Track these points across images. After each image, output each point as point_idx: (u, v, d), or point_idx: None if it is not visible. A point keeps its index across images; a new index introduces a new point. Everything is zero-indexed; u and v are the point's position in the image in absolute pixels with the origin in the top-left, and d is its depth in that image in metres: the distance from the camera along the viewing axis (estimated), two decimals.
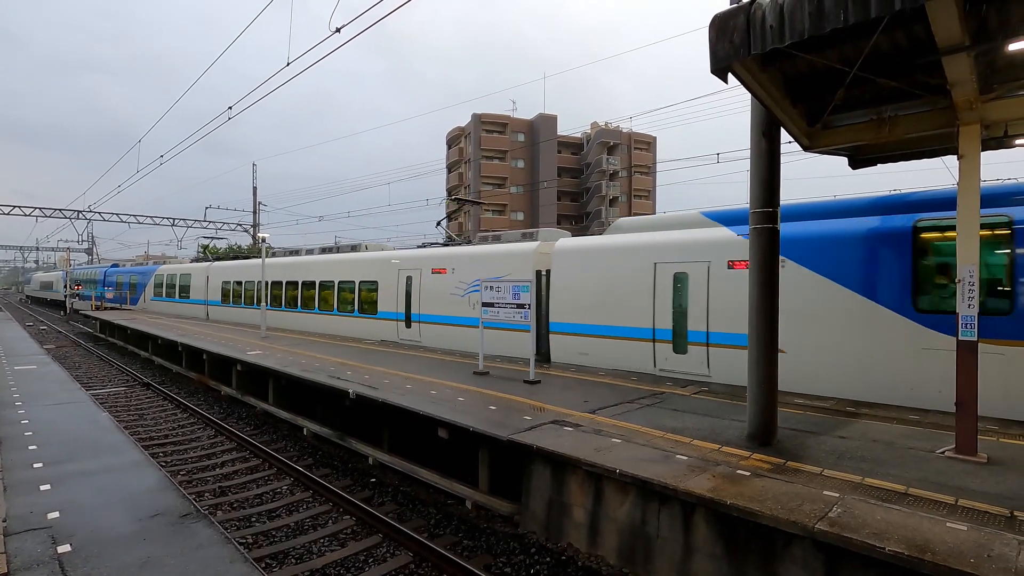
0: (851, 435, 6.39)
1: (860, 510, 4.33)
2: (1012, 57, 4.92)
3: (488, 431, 6.61)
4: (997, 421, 6.82)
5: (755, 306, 6.13)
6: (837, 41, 4.92)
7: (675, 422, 7.00)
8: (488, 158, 57.71)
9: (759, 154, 6.10)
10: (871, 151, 7.44)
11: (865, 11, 3.71)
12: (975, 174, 5.42)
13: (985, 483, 4.86)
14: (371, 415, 9.22)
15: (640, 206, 61.48)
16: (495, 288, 10.09)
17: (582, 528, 5.73)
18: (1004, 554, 3.63)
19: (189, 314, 27.58)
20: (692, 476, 5.11)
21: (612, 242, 11.55)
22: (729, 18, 4.36)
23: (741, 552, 4.57)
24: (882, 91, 5.73)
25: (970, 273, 5.42)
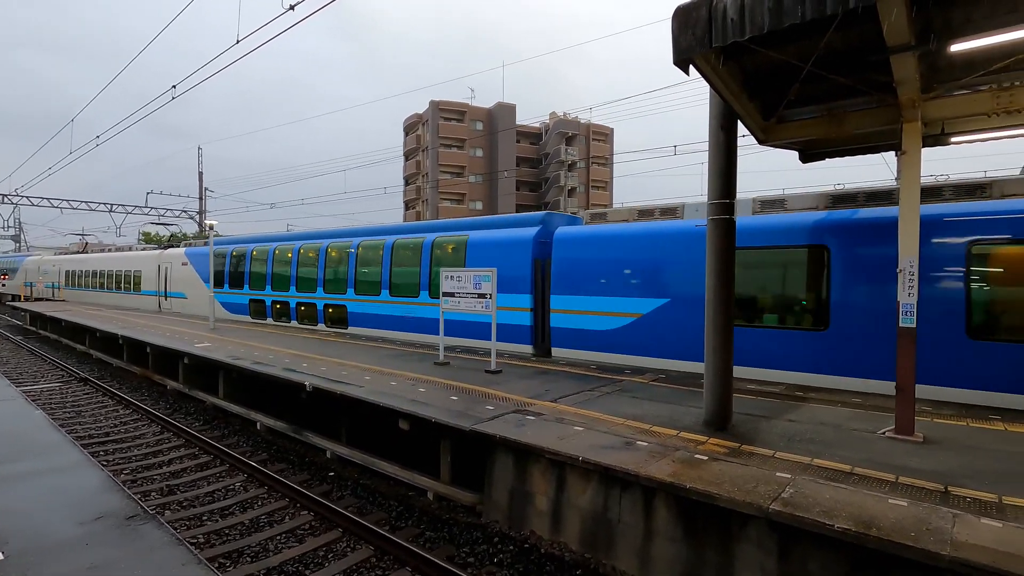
0: (800, 419, 6.67)
1: (810, 490, 4.52)
2: (951, 58, 5.18)
3: (450, 422, 6.55)
4: (931, 403, 7.26)
5: (712, 296, 6.28)
6: (794, 37, 5.04)
7: (635, 409, 7.13)
8: (446, 146, 57.05)
9: (717, 146, 6.23)
10: (821, 145, 7.73)
11: (821, 8, 3.82)
12: (916, 169, 5.70)
13: (922, 461, 5.17)
14: (329, 408, 9.00)
15: (598, 197, 62.20)
16: (455, 277, 9.99)
17: (545, 516, 5.77)
18: (941, 527, 3.86)
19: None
20: (653, 462, 5.22)
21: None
22: (692, 10, 4.41)
23: (700, 534, 4.71)
24: (834, 87, 5.93)
25: (910, 264, 5.71)
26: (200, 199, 42.26)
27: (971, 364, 7.23)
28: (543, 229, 11.83)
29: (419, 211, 59.41)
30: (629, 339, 10.25)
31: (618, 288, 10.34)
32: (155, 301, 24.37)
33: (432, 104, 57.10)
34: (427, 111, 58.05)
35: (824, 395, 7.84)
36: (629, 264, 10.31)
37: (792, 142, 7.22)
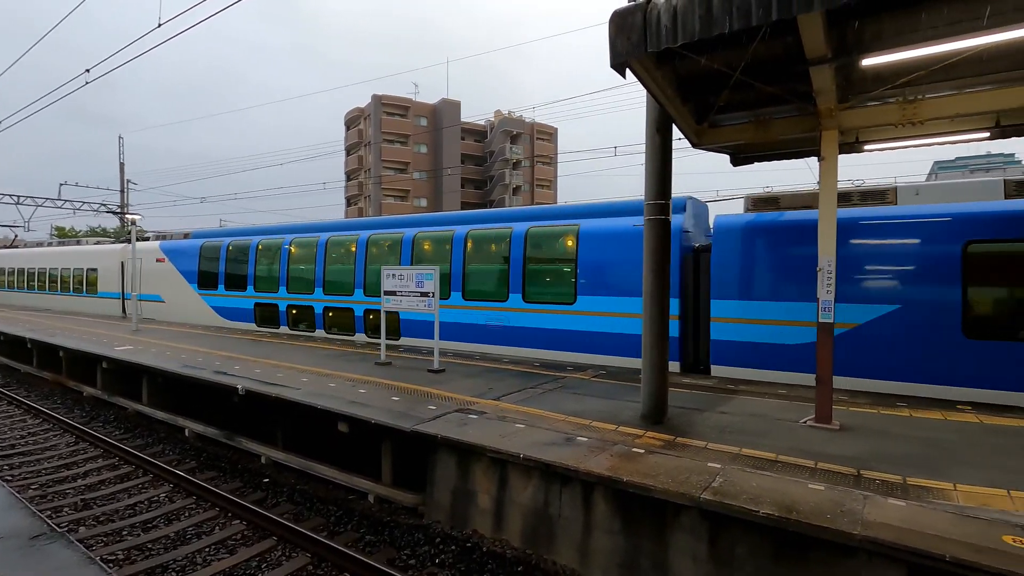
0: (731, 410, 6.99)
1: (739, 478, 4.75)
2: (863, 72, 5.56)
3: (391, 423, 6.44)
4: (848, 392, 7.79)
5: (649, 293, 6.47)
6: (723, 46, 5.26)
7: (577, 405, 7.26)
8: (389, 142, 55.98)
9: (653, 149, 6.42)
10: (750, 150, 8.11)
11: (747, 19, 4.00)
12: (833, 174, 6.09)
13: (838, 447, 5.53)
14: (264, 412, 8.65)
15: (542, 196, 62.82)
16: (397, 276, 9.82)
17: (487, 514, 5.78)
18: (853, 508, 4.15)
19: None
20: (592, 457, 5.32)
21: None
22: (627, 15, 4.50)
23: (636, 525, 4.84)
24: (761, 95, 6.22)
25: (828, 263, 6.09)
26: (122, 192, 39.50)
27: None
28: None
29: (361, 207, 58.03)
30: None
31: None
32: (116, 305, 20.54)
33: (374, 98, 55.86)
34: (369, 105, 56.75)
35: (753, 387, 8.25)
36: (841, 261, 7.79)
37: (724, 146, 7.54)
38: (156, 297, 18.76)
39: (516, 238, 11.15)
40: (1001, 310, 7.58)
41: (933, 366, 7.62)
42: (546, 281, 11.11)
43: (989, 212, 7.46)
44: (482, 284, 11.70)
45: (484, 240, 11.79)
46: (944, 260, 7.57)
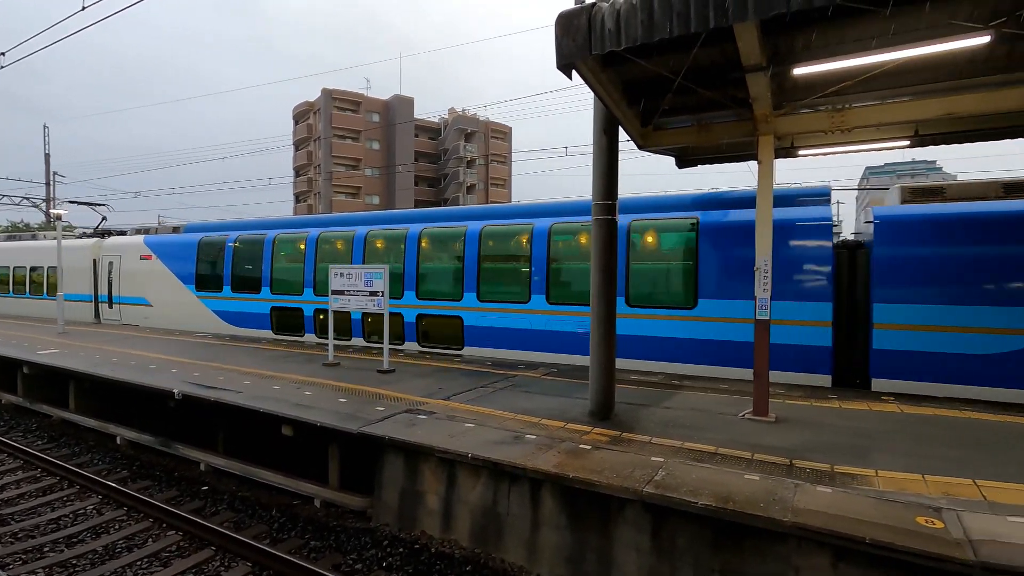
0: (675, 405, 7.20)
1: (680, 471, 4.90)
2: (796, 80, 5.84)
3: (337, 425, 6.30)
4: (784, 386, 8.16)
5: (596, 291, 6.58)
6: (666, 51, 5.41)
7: (527, 403, 7.30)
8: (341, 137, 54.70)
9: (600, 150, 6.53)
10: (694, 153, 8.38)
11: (687, 26, 4.12)
12: (770, 177, 6.36)
13: (773, 439, 5.79)
14: (203, 416, 8.29)
15: (497, 194, 62.89)
16: (345, 275, 9.61)
17: (436, 515, 5.74)
18: (785, 496, 4.35)
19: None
20: (540, 454, 5.37)
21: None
22: (573, 17, 4.57)
23: (582, 520, 4.92)
24: (703, 100, 6.45)
25: (765, 263, 6.36)
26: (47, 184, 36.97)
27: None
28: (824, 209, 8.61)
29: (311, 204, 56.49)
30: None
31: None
32: (87, 309, 17.70)
33: (325, 92, 54.44)
34: (319, 99, 55.27)
35: (696, 382, 8.53)
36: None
37: (668, 148, 7.76)
38: (141, 300, 16.06)
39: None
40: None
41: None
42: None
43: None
44: (570, 283, 10.47)
45: (571, 234, 10.45)
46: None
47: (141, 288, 16.15)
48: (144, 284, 16.06)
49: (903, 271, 7.92)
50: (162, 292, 15.66)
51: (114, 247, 17.05)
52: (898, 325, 7.89)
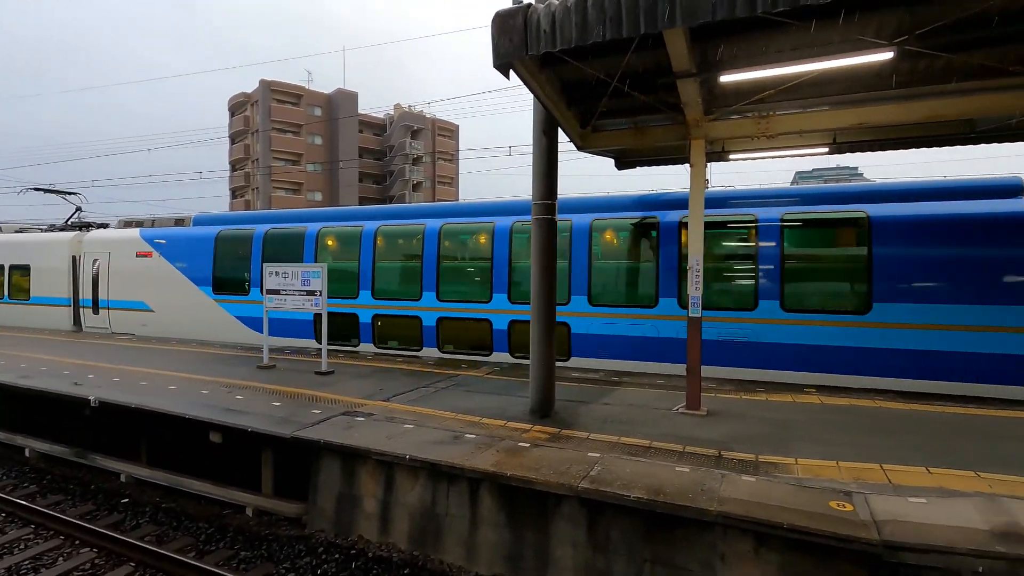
0: (613, 401, 7.37)
1: (615, 466, 5.01)
2: (724, 87, 6.09)
3: (269, 430, 6.08)
4: (716, 380, 8.50)
5: (536, 290, 6.64)
6: (602, 54, 5.50)
7: (468, 403, 7.28)
8: (280, 131, 52.73)
9: (540, 150, 6.58)
10: (632, 155, 8.61)
11: (619, 30, 4.21)
12: (701, 179, 6.61)
13: (704, 431, 6.02)
14: (124, 425, 7.78)
15: (444, 192, 62.41)
16: (281, 274, 9.27)
17: (373, 518, 5.63)
18: (712, 487, 4.54)
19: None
20: (479, 453, 5.37)
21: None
22: (509, 17, 4.58)
23: (521, 518, 4.95)
24: (638, 103, 6.61)
25: (697, 262, 6.61)
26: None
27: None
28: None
29: (248, 200, 54.20)
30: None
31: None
32: (63, 315, 14.90)
33: (263, 84, 52.31)
34: (257, 91, 53.07)
35: (635, 378, 8.76)
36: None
37: (607, 150, 7.92)
38: (138, 304, 13.67)
39: (768, 231, 8.76)
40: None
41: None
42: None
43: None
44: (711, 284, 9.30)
45: (720, 226, 9.15)
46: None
47: (138, 290, 13.66)
48: (143, 285, 13.60)
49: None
50: (167, 295, 13.19)
51: (100, 242, 14.45)
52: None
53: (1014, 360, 7.37)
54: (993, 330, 7.40)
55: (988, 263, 7.52)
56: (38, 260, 15.26)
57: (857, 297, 8.21)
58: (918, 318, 7.79)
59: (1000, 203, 7.69)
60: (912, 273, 7.93)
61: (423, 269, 10.78)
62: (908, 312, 7.83)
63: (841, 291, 8.61)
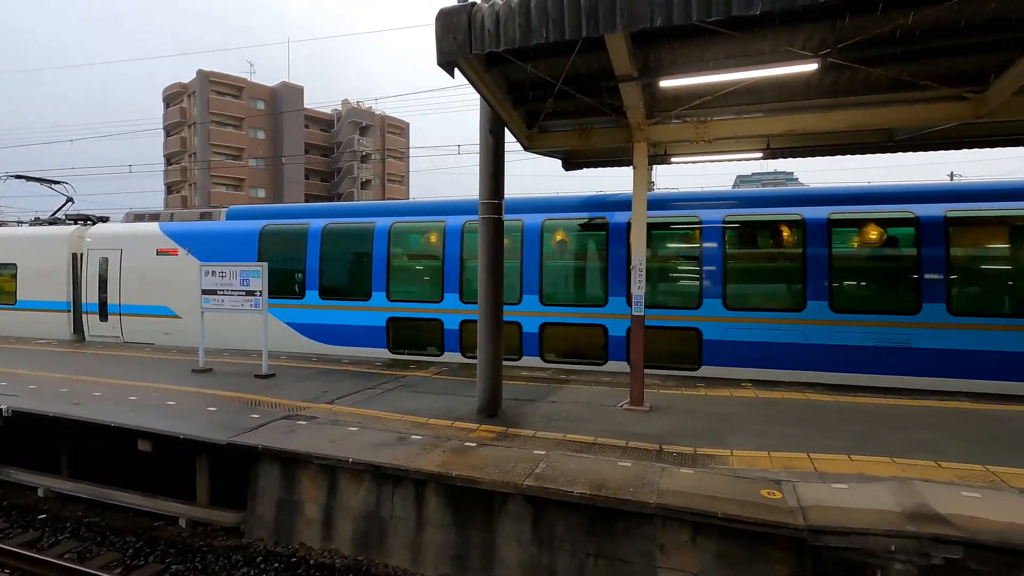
0: (560, 399, 7.46)
1: (560, 463, 5.08)
2: (665, 92, 6.29)
3: (203, 436, 5.81)
4: (659, 377, 8.75)
5: (483, 290, 6.64)
6: (546, 55, 5.57)
7: (415, 403, 7.20)
8: (220, 124, 50.46)
9: (486, 149, 6.58)
10: (579, 156, 8.73)
11: (562, 32, 4.27)
12: (643, 181, 6.79)
13: (647, 427, 6.19)
14: (42, 435, 7.25)
15: (394, 191, 61.44)
16: (218, 273, 8.89)
17: (315, 524, 5.48)
18: (653, 480, 4.67)
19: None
20: (425, 454, 5.32)
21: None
22: (453, 15, 4.55)
23: (466, 517, 4.94)
24: (582, 106, 6.72)
25: (640, 262, 6.78)
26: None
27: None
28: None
29: (185, 195, 51.63)
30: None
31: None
32: (60, 322, 12.97)
33: (201, 74, 49.89)
34: (194, 81, 50.59)
35: (583, 376, 8.90)
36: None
37: (553, 150, 8.01)
38: (160, 310, 12.02)
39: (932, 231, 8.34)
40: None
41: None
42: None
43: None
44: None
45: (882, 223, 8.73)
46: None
47: (160, 293, 11.95)
48: (165, 288, 11.89)
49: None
50: (199, 299, 11.32)
51: (110, 238, 12.66)
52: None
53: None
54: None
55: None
56: (27, 258, 13.25)
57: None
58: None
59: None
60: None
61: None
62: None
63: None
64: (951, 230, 8.10)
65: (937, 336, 8.00)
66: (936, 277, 8.09)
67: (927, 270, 8.11)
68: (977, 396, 7.50)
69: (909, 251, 8.34)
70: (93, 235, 12.88)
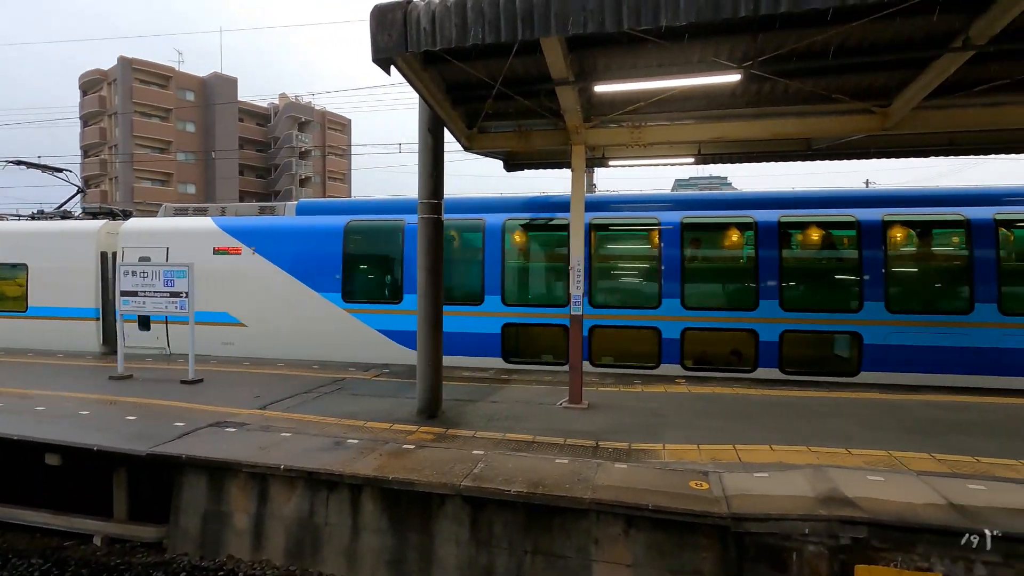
0: (501, 399, 7.50)
1: (498, 462, 5.10)
2: (601, 97, 6.44)
3: (120, 447, 5.47)
4: (598, 375, 8.95)
5: (422, 291, 6.58)
6: (485, 56, 5.58)
7: (352, 407, 7.04)
8: (146, 115, 47.47)
9: (425, 149, 6.52)
10: (519, 157, 8.81)
11: (497, 34, 4.29)
12: (581, 183, 6.93)
13: (584, 424, 6.32)
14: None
15: (336, 189, 59.77)
16: (139, 273, 8.36)
17: (245, 535, 5.25)
18: (588, 476, 4.77)
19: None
20: (361, 458, 5.21)
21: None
22: (388, 11, 4.49)
23: (403, 521, 4.87)
24: (522, 107, 6.77)
25: (578, 263, 6.91)
26: None
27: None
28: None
29: (106, 190, 48.25)
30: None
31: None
32: (86, 332, 11.11)
33: (123, 61, 46.73)
34: (115, 68, 47.35)
35: (525, 376, 8.98)
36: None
37: (494, 151, 8.05)
38: (220, 316, 10.57)
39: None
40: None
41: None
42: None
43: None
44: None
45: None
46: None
47: (217, 297, 10.48)
48: (225, 291, 10.54)
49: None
50: (268, 304, 10.46)
51: (151, 234, 11.13)
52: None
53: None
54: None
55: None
56: (41, 258, 11.36)
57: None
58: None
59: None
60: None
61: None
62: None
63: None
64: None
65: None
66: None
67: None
68: (887, 387, 8.12)
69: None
70: (130, 231, 11.26)
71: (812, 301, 9.04)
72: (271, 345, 10.56)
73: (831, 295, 9.27)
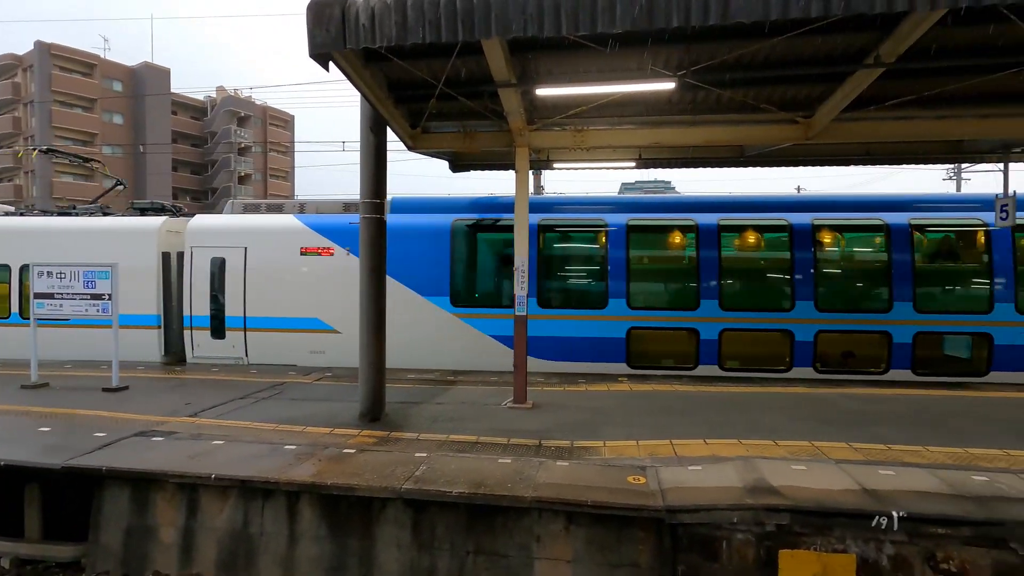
0: (446, 400, 7.46)
1: (441, 464, 5.08)
2: (544, 100, 6.52)
3: (31, 461, 5.09)
4: (543, 375, 9.05)
5: (364, 292, 6.46)
6: (427, 56, 5.53)
7: (291, 412, 6.83)
8: (67, 105, 44.29)
9: (368, 148, 6.41)
10: (465, 158, 8.81)
11: (438, 34, 4.27)
12: (525, 185, 7.01)
13: (528, 423, 6.38)
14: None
15: (278, 187, 57.70)
16: (57, 275, 7.80)
17: (173, 549, 5.00)
18: (530, 474, 4.82)
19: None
20: (299, 464, 5.06)
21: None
22: (325, 6, 4.38)
23: (343, 527, 4.77)
24: (467, 108, 6.77)
25: (522, 264, 6.98)
26: None
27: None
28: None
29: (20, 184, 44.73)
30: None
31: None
32: (145, 341, 10.01)
33: (40, 46, 43.42)
34: (32, 53, 43.94)
35: (471, 376, 8.96)
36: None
37: (439, 152, 8.01)
38: (309, 323, 9.85)
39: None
40: None
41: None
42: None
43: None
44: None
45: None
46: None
47: (307, 302, 9.80)
48: (314, 296, 9.79)
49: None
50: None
51: (227, 232, 10.11)
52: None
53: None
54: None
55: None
56: (91, 259, 9.04)
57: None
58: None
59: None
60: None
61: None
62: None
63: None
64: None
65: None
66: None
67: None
68: (811, 382, 8.62)
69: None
70: (199, 229, 10.25)
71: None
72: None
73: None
